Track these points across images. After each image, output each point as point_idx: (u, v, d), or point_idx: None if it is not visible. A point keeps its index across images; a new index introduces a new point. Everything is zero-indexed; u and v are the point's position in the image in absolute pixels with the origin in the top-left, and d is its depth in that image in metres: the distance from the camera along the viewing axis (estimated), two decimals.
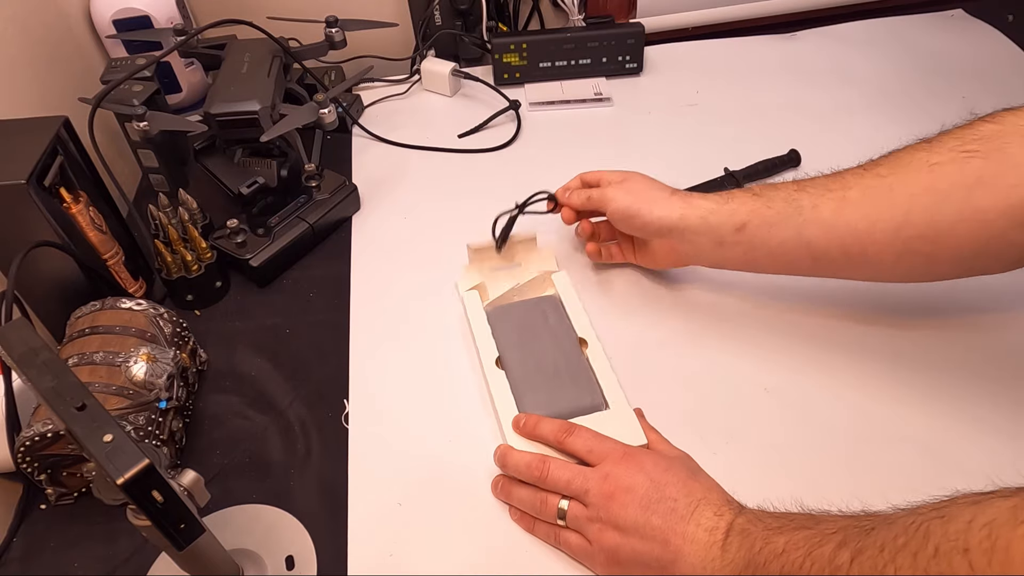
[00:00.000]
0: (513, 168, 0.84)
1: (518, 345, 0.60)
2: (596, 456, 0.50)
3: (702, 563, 0.44)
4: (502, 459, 0.53)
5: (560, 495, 0.50)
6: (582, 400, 0.56)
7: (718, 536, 0.44)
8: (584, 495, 0.48)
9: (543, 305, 0.64)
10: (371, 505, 0.54)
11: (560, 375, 0.58)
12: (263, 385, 0.63)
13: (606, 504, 0.47)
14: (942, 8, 1.05)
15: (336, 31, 0.79)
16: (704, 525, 0.45)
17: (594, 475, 0.49)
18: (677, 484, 0.47)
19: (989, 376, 0.58)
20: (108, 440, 0.35)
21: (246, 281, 0.72)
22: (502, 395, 0.57)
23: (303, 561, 0.51)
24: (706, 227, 0.58)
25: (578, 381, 0.58)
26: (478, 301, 0.65)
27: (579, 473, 0.49)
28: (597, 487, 0.48)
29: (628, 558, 0.46)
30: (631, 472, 0.48)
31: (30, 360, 0.38)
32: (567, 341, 0.61)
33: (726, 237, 0.57)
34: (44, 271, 0.61)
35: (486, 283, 0.67)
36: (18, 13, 0.74)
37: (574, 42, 0.93)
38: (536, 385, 0.57)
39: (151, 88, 0.74)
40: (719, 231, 0.58)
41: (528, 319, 0.63)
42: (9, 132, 0.60)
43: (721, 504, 0.46)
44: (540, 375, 0.58)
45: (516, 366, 0.59)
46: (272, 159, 0.75)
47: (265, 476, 0.57)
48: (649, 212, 0.60)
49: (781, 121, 0.87)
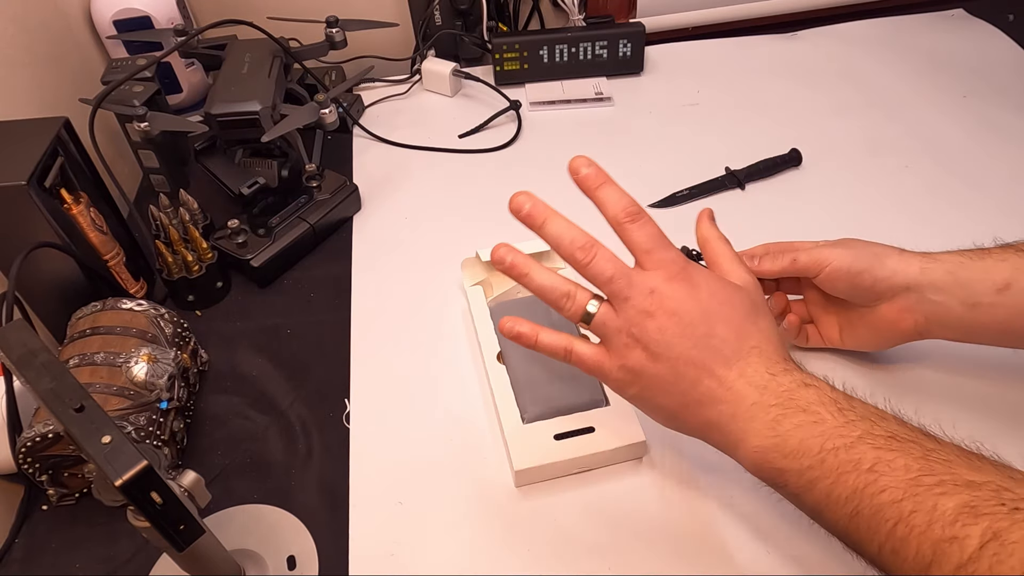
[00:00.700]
0: (514, 168, 0.84)
1: None
2: (652, 261, 0.43)
3: (742, 423, 0.39)
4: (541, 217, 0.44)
5: (591, 295, 0.44)
6: (582, 396, 0.56)
7: (768, 399, 0.39)
8: (622, 301, 0.42)
9: None
10: (372, 505, 0.54)
11: (561, 370, 0.58)
12: (264, 385, 0.63)
13: (642, 320, 0.41)
14: (942, 8, 1.05)
15: (336, 31, 0.79)
16: (751, 378, 0.40)
17: (641, 283, 0.42)
18: (732, 321, 0.42)
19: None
20: (107, 441, 0.35)
21: (247, 281, 0.72)
22: (502, 390, 0.57)
23: (304, 561, 0.51)
24: (955, 283, 0.48)
25: (579, 376, 0.57)
26: (482, 296, 0.65)
27: (625, 274, 0.42)
28: (639, 299, 0.41)
29: (649, 385, 0.42)
30: (681, 294, 0.41)
31: (29, 361, 0.38)
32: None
33: (982, 297, 0.47)
34: (45, 272, 0.61)
35: (491, 279, 0.67)
36: (18, 13, 0.74)
37: (574, 42, 0.93)
38: (536, 380, 0.57)
39: (152, 89, 0.74)
40: (973, 289, 0.48)
41: (531, 314, 0.62)
42: (9, 133, 0.60)
43: (777, 360, 0.41)
44: (541, 370, 0.58)
45: (517, 361, 0.59)
46: (273, 159, 0.75)
47: (266, 476, 0.57)
48: (882, 266, 0.50)
49: (782, 120, 0.87)
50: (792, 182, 0.80)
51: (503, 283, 0.66)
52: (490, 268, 0.67)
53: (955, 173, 0.78)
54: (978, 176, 0.77)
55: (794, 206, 0.76)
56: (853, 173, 0.80)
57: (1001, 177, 0.77)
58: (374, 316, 0.68)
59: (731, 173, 0.79)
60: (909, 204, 0.75)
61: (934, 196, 0.75)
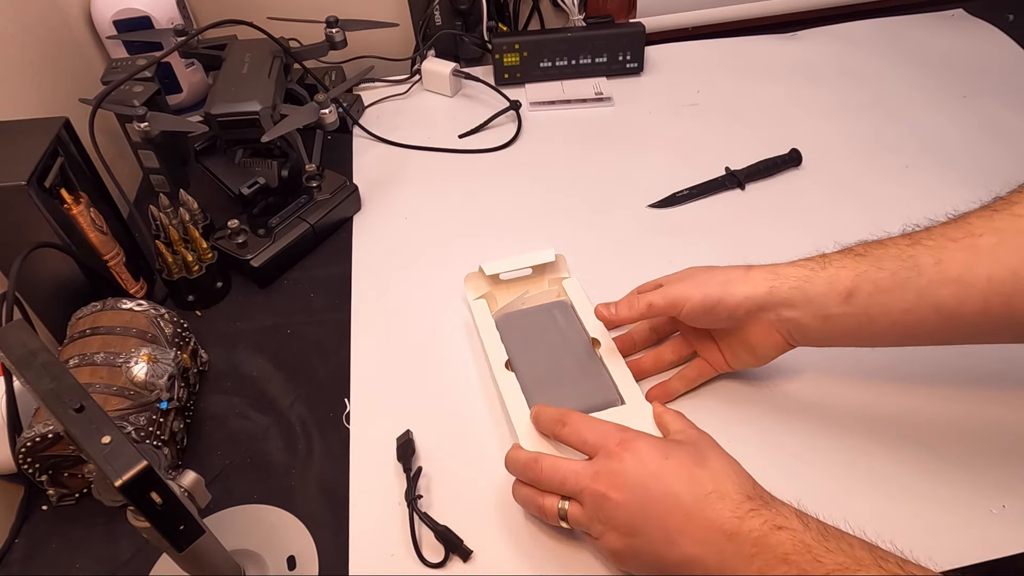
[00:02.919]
0: (514, 168, 0.84)
1: (528, 347, 0.60)
2: (590, 448, 0.46)
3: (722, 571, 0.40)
4: (505, 460, 0.50)
5: (559, 497, 0.47)
6: (595, 396, 0.55)
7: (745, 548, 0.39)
8: (580, 495, 0.45)
9: (553, 309, 0.63)
10: (372, 504, 0.54)
11: (572, 373, 0.57)
12: (264, 385, 0.63)
13: (600, 505, 0.44)
14: (942, 8, 1.05)
15: (336, 31, 0.79)
16: (719, 525, 0.40)
17: (585, 473, 0.45)
18: (679, 474, 0.42)
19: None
20: (106, 442, 0.35)
21: (247, 281, 0.72)
22: (513, 396, 0.56)
23: (305, 561, 0.51)
24: (803, 299, 0.49)
25: (591, 378, 0.57)
26: (486, 309, 0.64)
27: (571, 473, 0.46)
28: (590, 487, 0.44)
29: (635, 561, 0.44)
30: (623, 467, 0.44)
31: (29, 362, 0.38)
32: (579, 341, 0.60)
33: (832, 308, 0.48)
34: (45, 272, 0.61)
35: (494, 292, 0.66)
36: (19, 14, 0.74)
37: (574, 42, 0.93)
38: (548, 384, 0.57)
39: (152, 89, 0.74)
40: (821, 302, 0.49)
41: (538, 323, 0.62)
42: (9, 133, 0.60)
43: (740, 500, 0.41)
44: (552, 374, 0.57)
45: (527, 366, 0.58)
46: (273, 159, 0.75)
47: (266, 476, 0.57)
48: (731, 295, 0.51)
49: (782, 120, 0.87)
50: (792, 182, 0.80)
51: (506, 295, 0.66)
52: (493, 281, 0.66)
53: (955, 173, 0.78)
54: (978, 176, 0.77)
55: (794, 206, 0.76)
56: (853, 173, 0.80)
57: (1001, 177, 0.77)
58: (374, 316, 0.68)
59: (731, 173, 0.79)
60: (909, 204, 0.75)
61: (934, 196, 0.75)
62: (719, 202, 0.78)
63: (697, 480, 0.42)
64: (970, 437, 0.54)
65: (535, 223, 0.76)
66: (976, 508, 0.50)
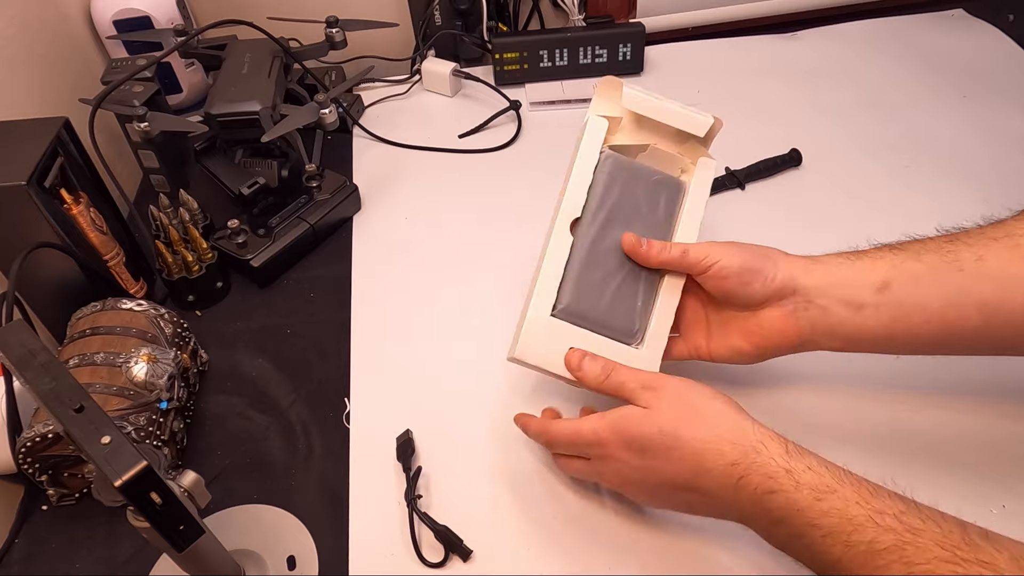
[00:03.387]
0: (514, 168, 0.84)
1: (608, 217, 0.53)
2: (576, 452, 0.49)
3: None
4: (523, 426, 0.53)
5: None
6: (617, 321, 0.51)
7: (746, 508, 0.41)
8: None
9: (665, 187, 0.54)
10: (372, 504, 0.54)
11: (618, 280, 0.51)
12: (264, 385, 0.63)
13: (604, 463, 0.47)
14: (942, 8, 1.05)
15: (336, 31, 0.79)
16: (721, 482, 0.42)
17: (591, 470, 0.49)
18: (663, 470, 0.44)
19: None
20: (106, 442, 0.35)
21: (247, 281, 0.72)
22: (553, 265, 0.51)
23: (304, 561, 0.51)
24: (836, 283, 0.47)
25: (627, 300, 0.51)
26: (601, 134, 0.54)
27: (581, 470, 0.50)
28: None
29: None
30: (607, 468, 0.47)
31: (29, 362, 0.38)
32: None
33: (866, 297, 0.46)
34: (45, 272, 0.61)
35: (625, 123, 0.56)
36: (19, 14, 0.74)
37: (574, 42, 0.93)
38: (588, 278, 0.51)
39: (152, 89, 0.74)
40: (854, 288, 0.47)
41: (639, 191, 0.53)
42: (9, 133, 0.60)
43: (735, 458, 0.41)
44: (602, 270, 0.52)
45: (587, 243, 0.52)
46: (273, 159, 0.75)
47: (266, 476, 0.57)
48: (774, 266, 0.48)
49: (782, 120, 0.87)
50: (792, 182, 0.80)
51: (633, 134, 0.56)
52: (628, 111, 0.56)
53: (955, 173, 0.78)
54: (978, 176, 0.77)
55: (794, 206, 0.76)
56: (853, 173, 0.80)
57: (1001, 177, 0.77)
58: (374, 316, 0.68)
59: (731, 173, 0.79)
60: (909, 204, 0.75)
61: (934, 196, 0.75)
62: (719, 202, 0.78)
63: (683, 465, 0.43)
64: (970, 437, 0.54)
65: (535, 223, 0.76)
66: (976, 508, 0.50)
